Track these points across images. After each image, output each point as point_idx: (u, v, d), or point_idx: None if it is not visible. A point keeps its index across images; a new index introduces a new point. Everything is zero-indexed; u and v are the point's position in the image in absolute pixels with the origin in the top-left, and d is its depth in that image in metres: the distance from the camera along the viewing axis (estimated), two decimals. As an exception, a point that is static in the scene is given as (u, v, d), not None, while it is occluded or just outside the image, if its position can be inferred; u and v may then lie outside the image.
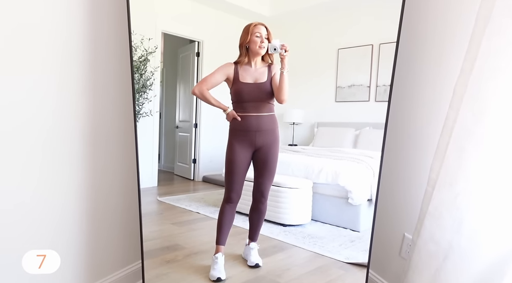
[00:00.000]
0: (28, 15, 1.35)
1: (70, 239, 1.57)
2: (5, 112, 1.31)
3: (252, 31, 1.86)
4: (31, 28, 1.36)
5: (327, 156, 3.01)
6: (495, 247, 1.08)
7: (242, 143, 1.90)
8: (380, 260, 1.77)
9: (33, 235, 1.42)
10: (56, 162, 1.49)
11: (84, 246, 1.63)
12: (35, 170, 1.42)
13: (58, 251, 1.49)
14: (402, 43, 1.52)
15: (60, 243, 1.52)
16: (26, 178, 1.39)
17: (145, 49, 2.64)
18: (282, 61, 1.79)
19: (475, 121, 1.06)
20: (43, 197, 1.45)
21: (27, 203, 1.40)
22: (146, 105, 2.70)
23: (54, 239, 1.50)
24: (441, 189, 1.17)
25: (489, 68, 1.01)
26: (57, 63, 1.46)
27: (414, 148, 1.59)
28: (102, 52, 1.63)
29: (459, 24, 1.34)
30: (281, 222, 2.70)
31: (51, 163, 1.47)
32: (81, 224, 1.61)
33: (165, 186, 3.51)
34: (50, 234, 1.49)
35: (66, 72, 1.50)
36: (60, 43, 1.47)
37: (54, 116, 1.46)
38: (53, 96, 1.46)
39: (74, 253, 1.59)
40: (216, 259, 1.88)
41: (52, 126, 1.46)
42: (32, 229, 1.42)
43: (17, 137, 1.35)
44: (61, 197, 1.52)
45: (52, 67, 1.45)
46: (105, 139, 1.69)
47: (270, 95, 1.89)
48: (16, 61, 1.34)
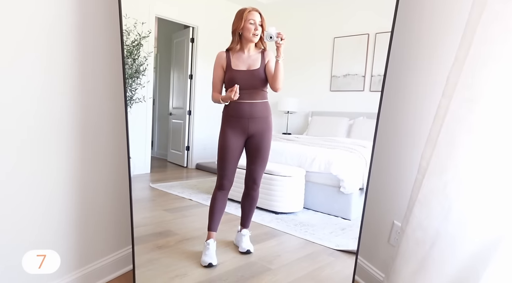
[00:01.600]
0: None
1: (60, 224, 1.57)
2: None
3: (246, 17, 1.82)
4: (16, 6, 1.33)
5: (321, 145, 3.02)
6: (481, 235, 1.09)
7: (235, 129, 1.90)
8: (369, 247, 1.80)
9: (20, 220, 1.41)
10: (43, 147, 1.47)
11: (73, 231, 1.62)
12: (25, 157, 1.40)
13: (47, 236, 1.49)
14: (397, 32, 1.51)
15: (49, 227, 1.52)
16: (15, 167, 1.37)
17: (139, 34, 2.60)
18: (278, 50, 1.77)
19: (467, 109, 1.06)
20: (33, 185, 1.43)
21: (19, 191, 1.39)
22: (139, 91, 2.67)
23: (42, 224, 1.49)
24: (431, 177, 1.18)
25: (483, 56, 1.01)
26: (42, 45, 1.42)
27: (406, 137, 1.60)
28: (92, 34, 1.60)
29: (454, 13, 1.33)
30: (273, 209, 2.72)
31: (38, 149, 1.44)
32: (71, 209, 1.60)
33: (158, 173, 3.51)
34: (39, 219, 1.48)
35: (53, 55, 1.46)
36: (46, 24, 1.42)
37: (39, 100, 1.42)
38: (38, 80, 1.41)
39: (64, 237, 1.59)
40: (208, 245, 1.89)
41: (37, 111, 1.42)
42: (20, 214, 1.41)
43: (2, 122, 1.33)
44: (50, 182, 1.51)
45: (37, 48, 1.39)
46: (95, 125, 1.67)
47: (263, 82, 1.88)
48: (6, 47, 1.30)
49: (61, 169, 1.54)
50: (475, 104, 1.04)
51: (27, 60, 1.37)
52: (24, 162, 1.40)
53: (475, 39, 1.00)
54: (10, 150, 1.35)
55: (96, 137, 1.69)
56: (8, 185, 1.36)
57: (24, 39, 1.34)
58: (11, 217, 1.38)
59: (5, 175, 1.35)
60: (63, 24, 1.48)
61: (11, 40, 1.31)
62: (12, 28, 1.31)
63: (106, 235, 1.80)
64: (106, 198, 1.78)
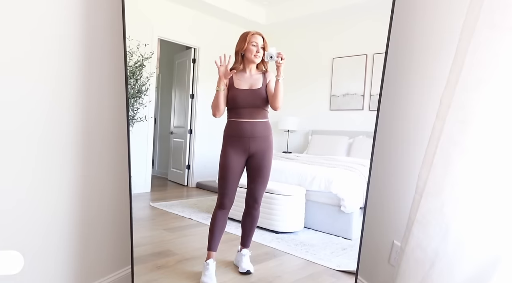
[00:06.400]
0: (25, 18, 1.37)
1: (60, 242, 1.57)
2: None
3: (249, 40, 1.88)
4: (28, 30, 1.38)
5: (321, 164, 3.03)
6: (479, 255, 1.09)
7: (236, 148, 1.92)
8: (369, 267, 1.78)
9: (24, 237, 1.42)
10: (47, 165, 1.49)
11: (74, 250, 1.62)
12: (27, 174, 1.42)
13: (48, 254, 1.49)
14: (391, 55, 1.55)
15: (50, 246, 1.52)
16: (18, 183, 1.39)
17: (141, 55, 2.67)
18: (278, 69, 1.82)
19: (461, 131, 1.08)
20: (34, 200, 1.45)
21: (19, 206, 1.40)
22: (141, 111, 2.71)
23: (44, 242, 1.50)
24: (428, 197, 1.19)
25: (473, 79, 1.04)
26: (52, 66, 1.47)
27: (402, 156, 1.61)
28: (97, 56, 1.65)
29: (445, 37, 1.37)
30: (273, 229, 2.70)
31: (42, 167, 1.47)
32: (72, 228, 1.61)
33: (159, 192, 3.51)
34: (41, 237, 1.48)
35: (61, 76, 1.51)
36: (56, 49, 1.48)
37: (46, 120, 1.46)
38: (46, 99, 1.46)
39: (64, 256, 1.58)
40: (208, 265, 1.87)
41: (44, 130, 1.46)
42: (23, 231, 1.41)
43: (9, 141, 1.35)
44: (52, 200, 1.52)
45: (47, 70, 1.45)
46: (98, 144, 1.70)
47: (264, 102, 1.91)
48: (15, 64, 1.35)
49: (63, 187, 1.56)
50: (468, 126, 1.06)
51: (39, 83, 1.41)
52: (26, 180, 1.42)
53: (466, 64, 1.04)
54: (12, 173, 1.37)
55: (99, 157, 1.71)
56: (8, 201, 1.37)
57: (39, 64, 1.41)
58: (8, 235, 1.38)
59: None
60: (69, 44, 1.53)
61: (28, 68, 1.39)
62: (29, 58, 1.37)
63: (106, 255, 1.79)
64: (107, 218, 1.78)
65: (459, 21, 1.11)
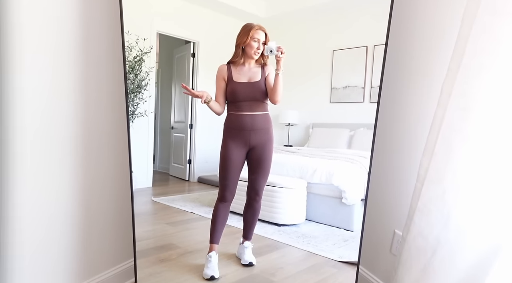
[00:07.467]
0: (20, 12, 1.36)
1: (62, 237, 1.58)
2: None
3: (252, 35, 1.86)
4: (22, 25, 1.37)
5: (322, 156, 3.03)
6: (481, 242, 1.09)
7: (237, 141, 1.92)
8: (371, 257, 1.79)
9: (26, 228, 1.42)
10: (46, 160, 1.48)
11: (76, 243, 1.63)
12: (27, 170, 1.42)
13: (51, 246, 1.50)
14: (391, 45, 1.54)
15: (51, 240, 1.53)
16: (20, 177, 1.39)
17: (140, 50, 2.66)
18: (278, 63, 1.80)
19: (462, 118, 1.08)
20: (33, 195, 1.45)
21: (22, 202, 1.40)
22: (141, 106, 2.71)
23: (45, 236, 1.50)
24: (429, 185, 1.19)
25: (474, 66, 1.03)
26: (48, 61, 1.46)
27: (403, 145, 1.61)
28: (94, 50, 1.64)
29: (446, 25, 1.36)
30: (275, 221, 2.71)
31: (41, 162, 1.46)
32: (73, 222, 1.61)
33: (160, 187, 3.52)
34: (43, 229, 1.49)
35: (57, 71, 1.50)
36: (52, 41, 1.47)
37: (43, 115, 1.46)
38: (42, 94, 1.45)
39: (66, 249, 1.59)
40: (210, 257, 1.88)
41: (41, 126, 1.45)
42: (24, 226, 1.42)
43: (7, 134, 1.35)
44: (52, 195, 1.52)
45: (43, 65, 1.44)
46: (98, 138, 1.70)
47: (264, 94, 1.91)
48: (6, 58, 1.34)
49: (63, 182, 1.56)
50: (469, 113, 1.06)
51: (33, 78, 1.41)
52: (27, 175, 1.42)
53: (467, 51, 1.03)
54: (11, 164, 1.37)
55: (99, 152, 1.71)
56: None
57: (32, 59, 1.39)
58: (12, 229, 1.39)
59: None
60: (67, 38, 1.52)
61: (21, 63, 1.36)
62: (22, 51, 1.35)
63: (108, 249, 1.80)
64: (108, 212, 1.79)
65: (460, 9, 1.10)
